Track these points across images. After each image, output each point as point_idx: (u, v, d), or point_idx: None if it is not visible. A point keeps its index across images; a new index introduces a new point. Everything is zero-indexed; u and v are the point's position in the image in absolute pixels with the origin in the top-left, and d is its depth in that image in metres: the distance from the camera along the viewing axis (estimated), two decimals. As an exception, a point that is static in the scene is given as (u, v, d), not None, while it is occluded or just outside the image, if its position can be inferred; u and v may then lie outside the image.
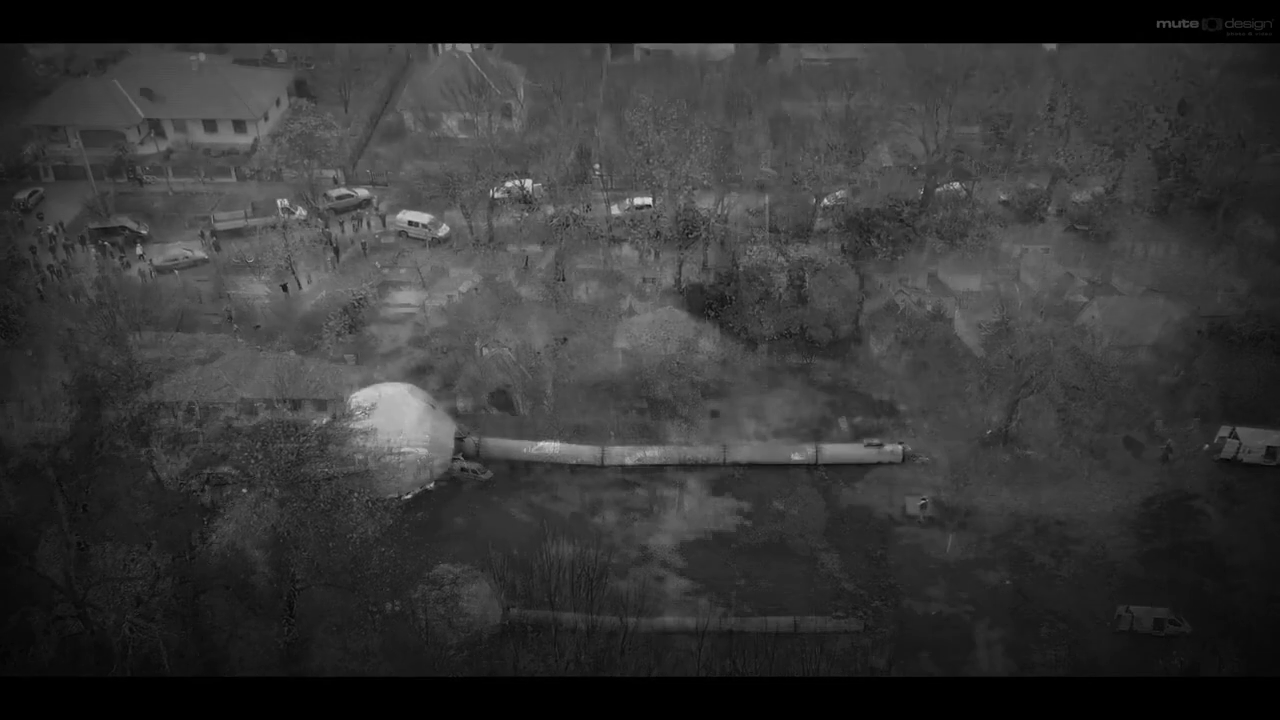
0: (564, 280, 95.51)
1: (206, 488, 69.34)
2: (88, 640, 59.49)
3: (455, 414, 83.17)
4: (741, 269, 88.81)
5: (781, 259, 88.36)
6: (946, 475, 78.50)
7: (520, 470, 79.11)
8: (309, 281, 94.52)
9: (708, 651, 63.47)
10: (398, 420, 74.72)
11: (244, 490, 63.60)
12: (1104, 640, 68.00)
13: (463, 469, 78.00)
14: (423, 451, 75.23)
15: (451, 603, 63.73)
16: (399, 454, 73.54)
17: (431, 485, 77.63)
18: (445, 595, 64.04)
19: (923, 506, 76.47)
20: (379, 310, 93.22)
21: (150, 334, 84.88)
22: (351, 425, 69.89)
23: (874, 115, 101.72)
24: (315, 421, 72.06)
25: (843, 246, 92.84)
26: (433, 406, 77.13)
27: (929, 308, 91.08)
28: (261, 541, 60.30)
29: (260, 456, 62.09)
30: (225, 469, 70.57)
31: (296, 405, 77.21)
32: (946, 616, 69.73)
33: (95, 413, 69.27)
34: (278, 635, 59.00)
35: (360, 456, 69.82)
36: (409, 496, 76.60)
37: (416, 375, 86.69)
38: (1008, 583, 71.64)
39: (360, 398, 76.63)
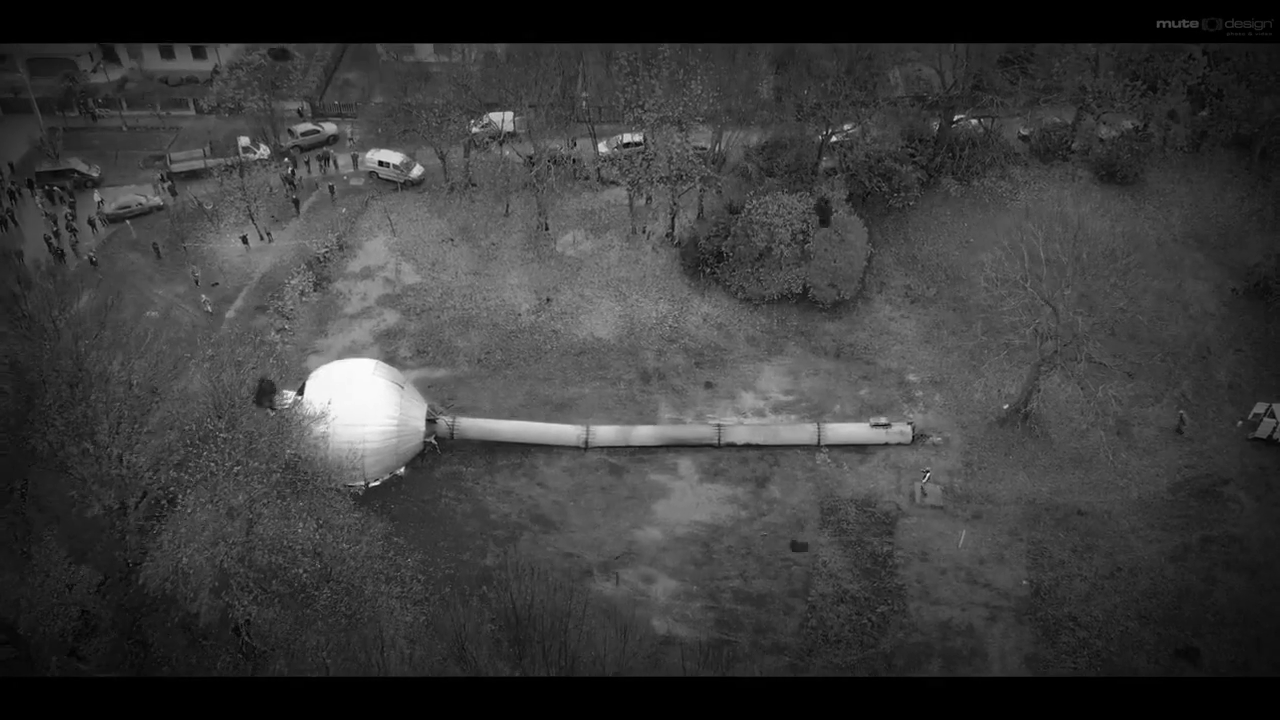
0: (547, 229, 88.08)
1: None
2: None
3: (430, 384, 76.85)
4: (740, 222, 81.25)
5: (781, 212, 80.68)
6: (960, 457, 72.53)
7: (499, 452, 73.01)
8: (268, 238, 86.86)
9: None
10: (360, 404, 68.20)
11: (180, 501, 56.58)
12: (1128, 651, 62.87)
13: (428, 443, 71.99)
14: (392, 441, 68.98)
15: None
16: (359, 446, 67.27)
17: (402, 470, 71.68)
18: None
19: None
20: (345, 265, 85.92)
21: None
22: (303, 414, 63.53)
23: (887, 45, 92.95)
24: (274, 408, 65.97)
25: (850, 194, 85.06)
26: (401, 386, 70.57)
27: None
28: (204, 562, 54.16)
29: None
30: None
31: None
32: (958, 623, 64.50)
33: (27, 400, 62.76)
34: (224, 668, 53.64)
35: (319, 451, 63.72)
36: (376, 483, 70.74)
37: (387, 339, 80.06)
38: (1025, 583, 66.23)
39: (321, 377, 70.13)
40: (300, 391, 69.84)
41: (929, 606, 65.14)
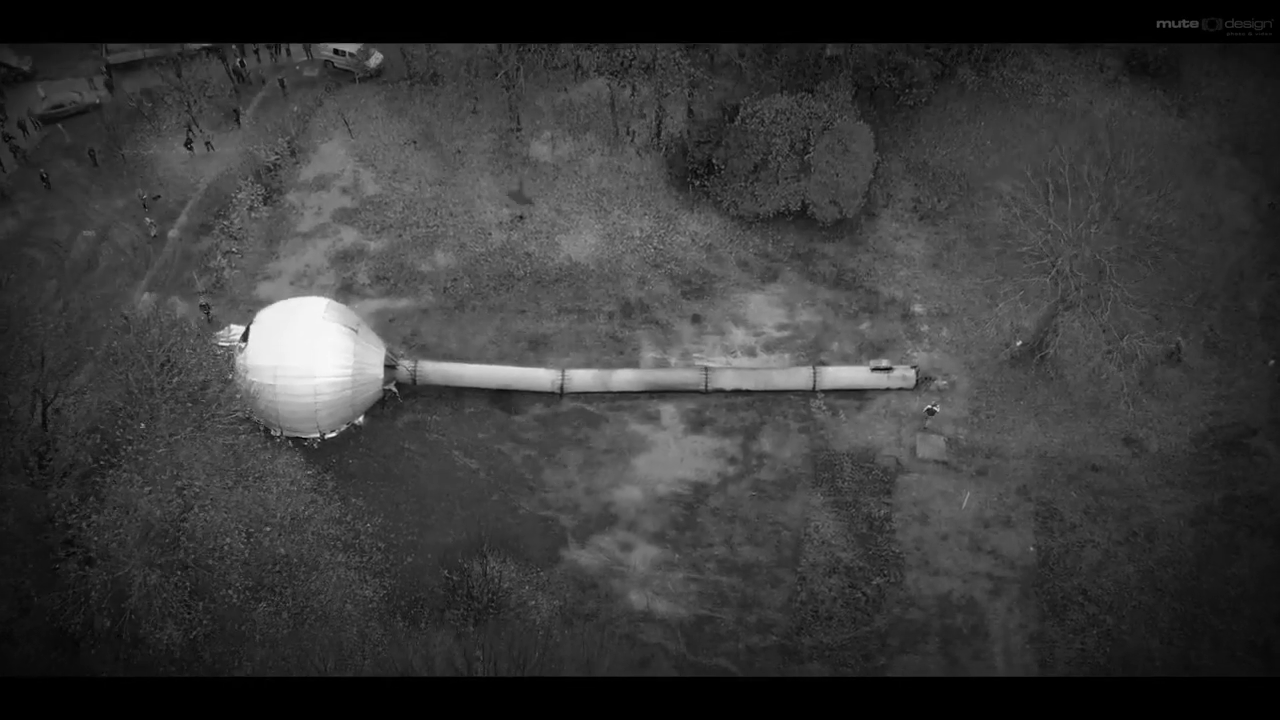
0: (519, 130, 79.74)
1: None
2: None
3: (392, 316, 70.41)
4: (733, 132, 73.02)
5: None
6: (966, 404, 66.76)
7: (466, 398, 67.11)
8: (209, 148, 78.47)
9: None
10: (310, 352, 61.93)
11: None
12: (1141, 629, 58.69)
13: (388, 391, 66.17)
14: (346, 393, 63.06)
15: None
16: (310, 400, 61.52)
17: (361, 420, 66.00)
18: None
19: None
20: (298, 174, 77.94)
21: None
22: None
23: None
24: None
25: (854, 92, 76.35)
26: (355, 330, 64.10)
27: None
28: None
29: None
30: None
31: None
32: (959, 596, 60.09)
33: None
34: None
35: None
36: (333, 435, 65.19)
37: (343, 262, 73.04)
38: (1032, 550, 61.54)
39: (266, 321, 63.66)
40: (244, 338, 63.49)
41: (928, 577, 60.64)
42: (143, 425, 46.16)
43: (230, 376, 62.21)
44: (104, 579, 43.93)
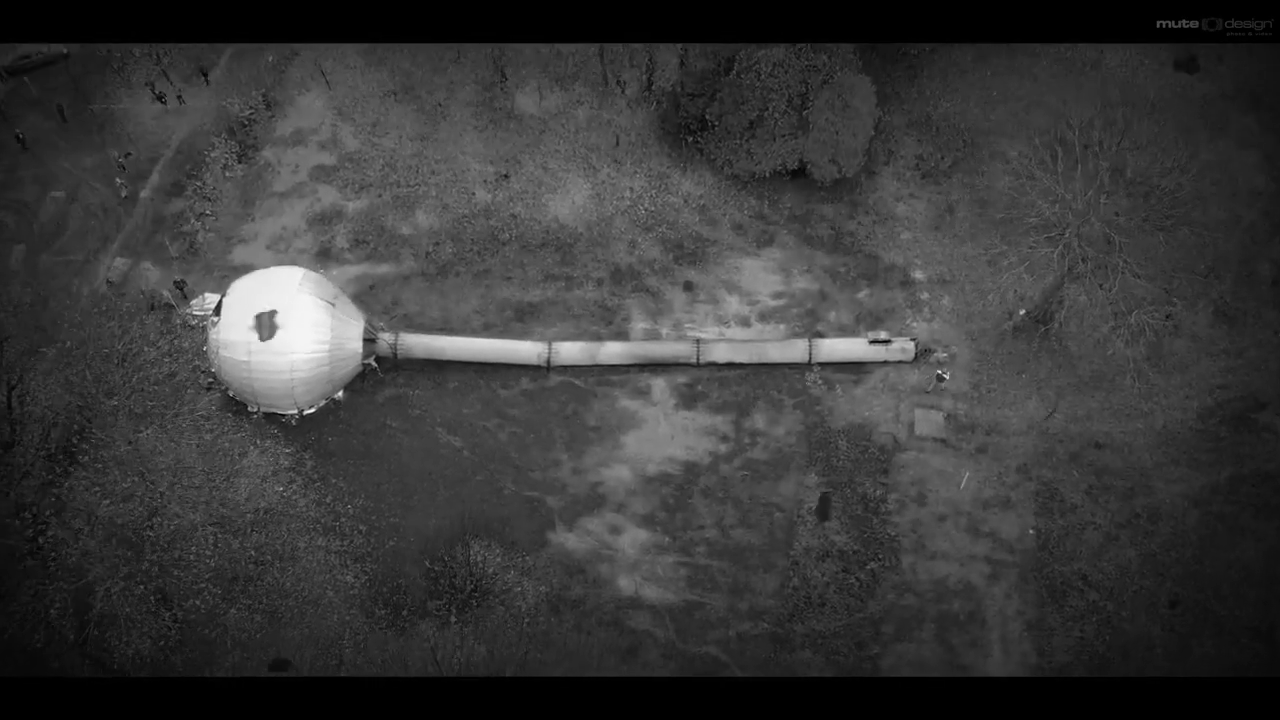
0: (504, 81, 76.18)
1: None
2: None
3: (372, 283, 67.87)
4: (727, 86, 69.57)
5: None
6: (967, 377, 64.63)
7: (450, 371, 64.87)
8: (181, 100, 74.87)
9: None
10: (285, 327, 59.53)
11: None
12: (1141, 615, 57.41)
13: (368, 365, 63.95)
14: (324, 369, 60.81)
15: None
16: (286, 377, 59.39)
17: (341, 395, 63.86)
18: None
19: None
20: (274, 128, 74.57)
21: None
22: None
23: None
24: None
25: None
26: (332, 303, 61.59)
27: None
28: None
29: None
30: None
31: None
32: (956, 580, 58.67)
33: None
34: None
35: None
36: (311, 411, 63.15)
37: (321, 225, 70.18)
38: (1032, 532, 59.96)
39: (240, 293, 61.18)
40: (218, 311, 61.04)
41: (924, 562, 59.18)
42: (99, 433, 43.84)
43: (204, 349, 60.40)
44: (64, 593, 42.11)
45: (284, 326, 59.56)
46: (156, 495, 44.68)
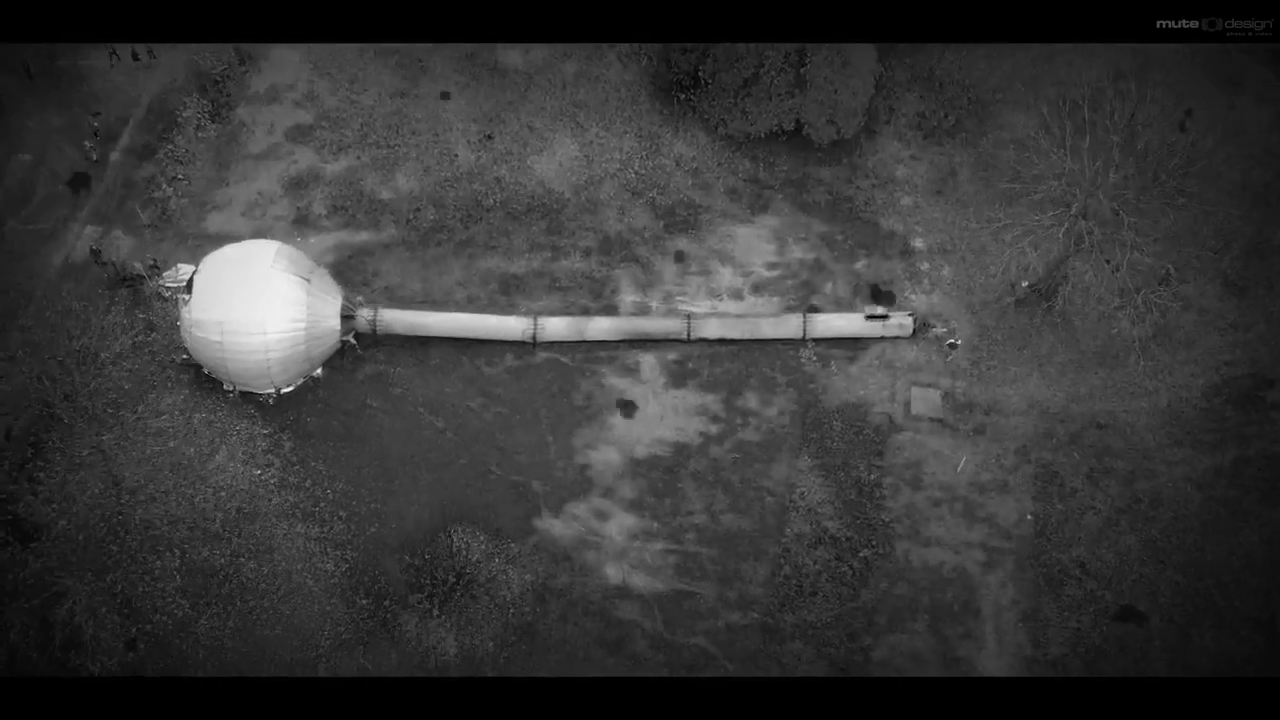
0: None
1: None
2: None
3: (351, 252, 65.42)
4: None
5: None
6: (966, 353, 62.62)
7: (432, 348, 62.78)
8: (152, 55, 71.27)
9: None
10: (258, 305, 57.32)
11: None
12: (1140, 606, 56.24)
13: (346, 342, 61.90)
14: (300, 348, 58.77)
15: None
16: (260, 357, 57.45)
17: (319, 373, 61.88)
18: None
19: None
20: (248, 84, 71.24)
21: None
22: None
23: None
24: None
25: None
26: (308, 278, 59.24)
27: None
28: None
29: None
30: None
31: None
32: (950, 568, 57.39)
33: None
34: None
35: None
36: (289, 389, 61.22)
37: (298, 189, 67.41)
38: (1029, 518, 58.52)
39: (211, 269, 58.84)
40: (189, 289, 58.73)
41: (918, 549, 57.80)
42: (59, 441, 41.99)
43: (177, 323, 58.52)
44: (24, 613, 40.67)
45: (257, 307, 57.29)
46: (121, 505, 42.99)
